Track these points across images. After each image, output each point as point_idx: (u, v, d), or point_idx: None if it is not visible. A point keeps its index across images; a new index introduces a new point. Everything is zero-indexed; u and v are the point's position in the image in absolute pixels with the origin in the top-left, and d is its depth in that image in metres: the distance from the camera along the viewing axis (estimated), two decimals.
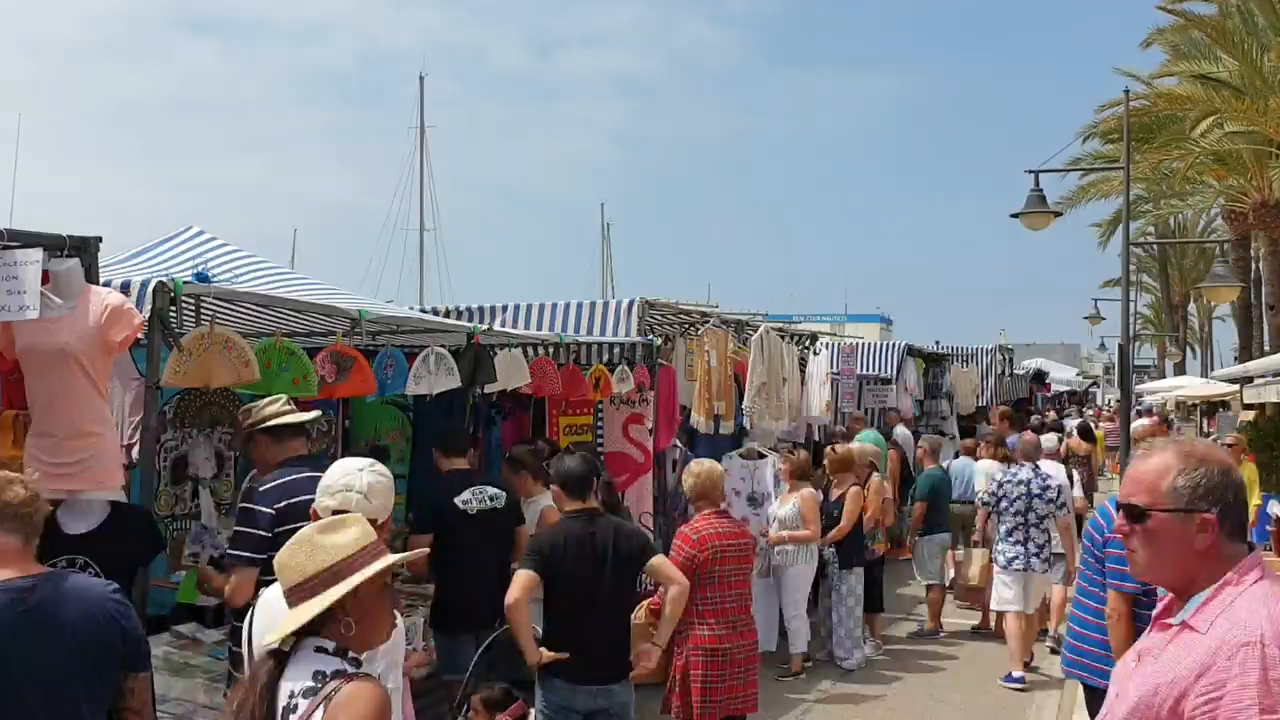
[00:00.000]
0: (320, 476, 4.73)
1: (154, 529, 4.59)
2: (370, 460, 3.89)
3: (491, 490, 6.30)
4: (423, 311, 7.91)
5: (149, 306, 4.55)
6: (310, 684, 2.64)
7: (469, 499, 6.32)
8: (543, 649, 4.96)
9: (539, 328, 8.96)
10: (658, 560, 5.29)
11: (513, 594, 5.01)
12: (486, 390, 7.12)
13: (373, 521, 3.22)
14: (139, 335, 4.35)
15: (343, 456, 9.41)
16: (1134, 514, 2.38)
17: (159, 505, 6.18)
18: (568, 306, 9.40)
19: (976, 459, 12.09)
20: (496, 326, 7.50)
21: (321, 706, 2.59)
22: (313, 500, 4.62)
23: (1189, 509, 2.31)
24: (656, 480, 8.76)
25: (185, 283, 4.67)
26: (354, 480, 3.76)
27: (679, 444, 8.86)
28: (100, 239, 4.37)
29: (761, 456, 9.71)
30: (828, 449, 10.07)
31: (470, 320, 8.54)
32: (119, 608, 3.36)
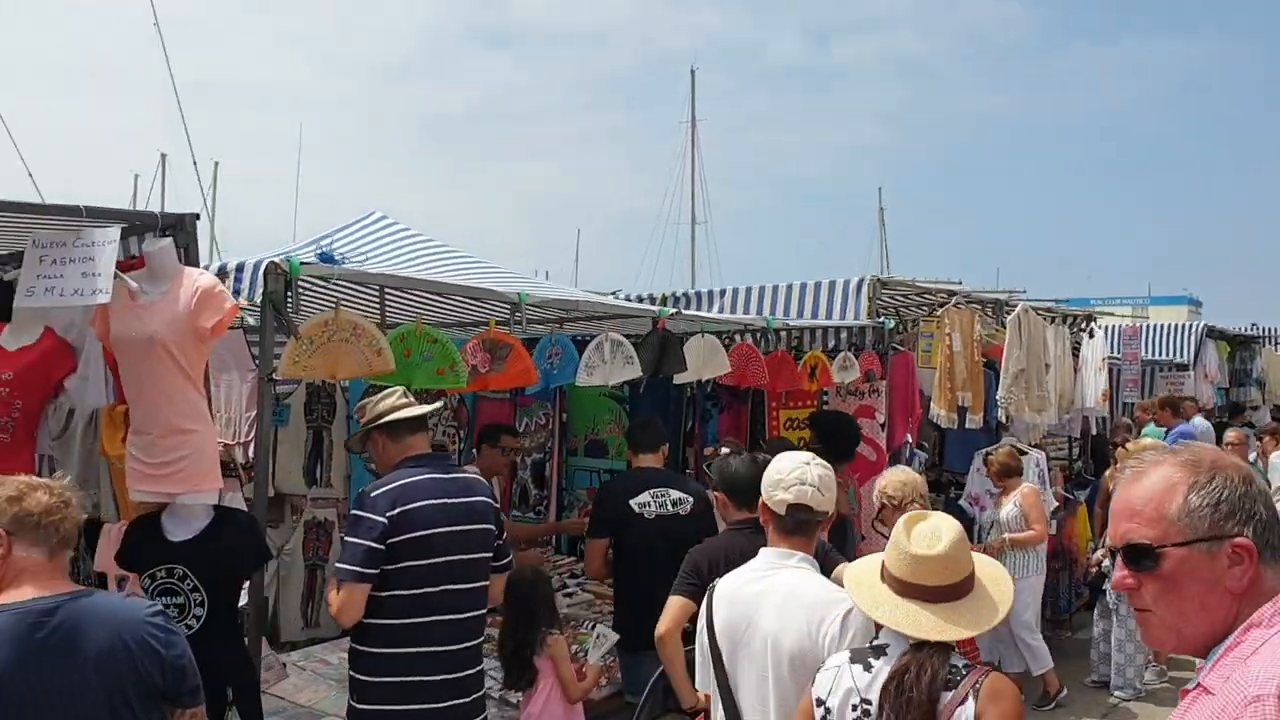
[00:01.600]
0: (444, 478, 4.21)
1: (256, 537, 4.17)
2: (810, 454, 3.76)
3: (677, 494, 5.57)
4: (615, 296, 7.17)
5: (260, 290, 4.14)
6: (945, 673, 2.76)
7: (647, 501, 5.64)
8: (701, 692, 4.22)
9: (755, 311, 8.18)
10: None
11: (663, 624, 4.24)
12: (679, 380, 6.41)
13: (824, 514, 3.59)
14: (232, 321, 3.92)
15: (560, 450, 9.24)
16: (1138, 557, 1.79)
17: None
18: (789, 289, 8.57)
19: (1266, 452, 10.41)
20: (696, 312, 6.74)
21: (971, 696, 2.72)
22: (433, 505, 4.10)
23: (1213, 536, 1.73)
24: None
25: (303, 264, 4.23)
26: (806, 474, 3.60)
27: (909, 440, 7.84)
28: (198, 216, 3.98)
29: (1023, 454, 8.52)
30: (1118, 446, 8.76)
31: (677, 306, 7.88)
32: (157, 633, 2.88)
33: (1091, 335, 10.52)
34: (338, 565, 4.02)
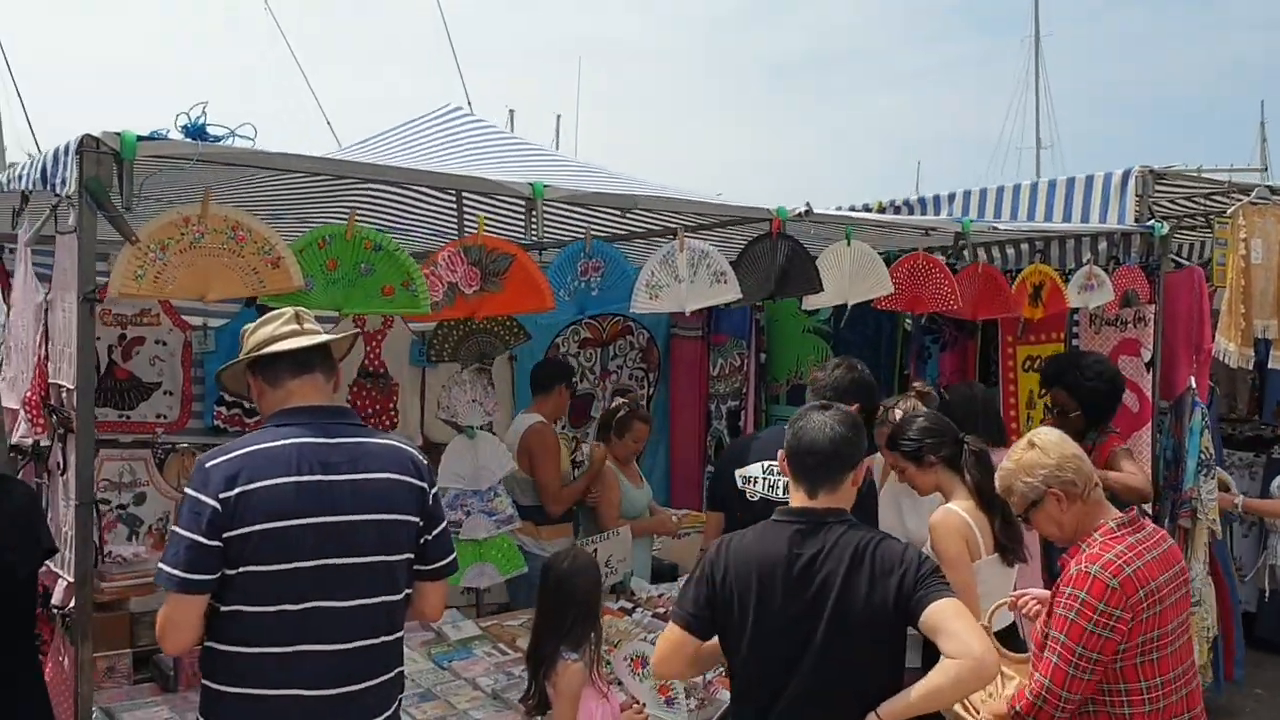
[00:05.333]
0: (320, 444, 2.85)
1: (28, 518, 3.01)
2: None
3: None
4: None
5: (73, 177, 2.94)
6: None
7: (755, 476, 4.10)
8: None
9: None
10: (940, 608, 2.73)
11: (659, 652, 2.99)
12: (813, 304, 4.69)
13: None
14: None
15: (758, 396, 7.66)
16: None
17: None
18: (1032, 189, 6.53)
19: None
20: (834, 211, 4.91)
21: None
22: (293, 485, 2.76)
23: None
24: (1155, 442, 5.68)
25: (142, 138, 2.97)
26: None
27: (1193, 385, 5.64)
28: None
29: None
30: None
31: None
32: None
33: None
34: (158, 565, 2.78)
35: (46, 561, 3.25)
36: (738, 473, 4.17)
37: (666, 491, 7.65)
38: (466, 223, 4.51)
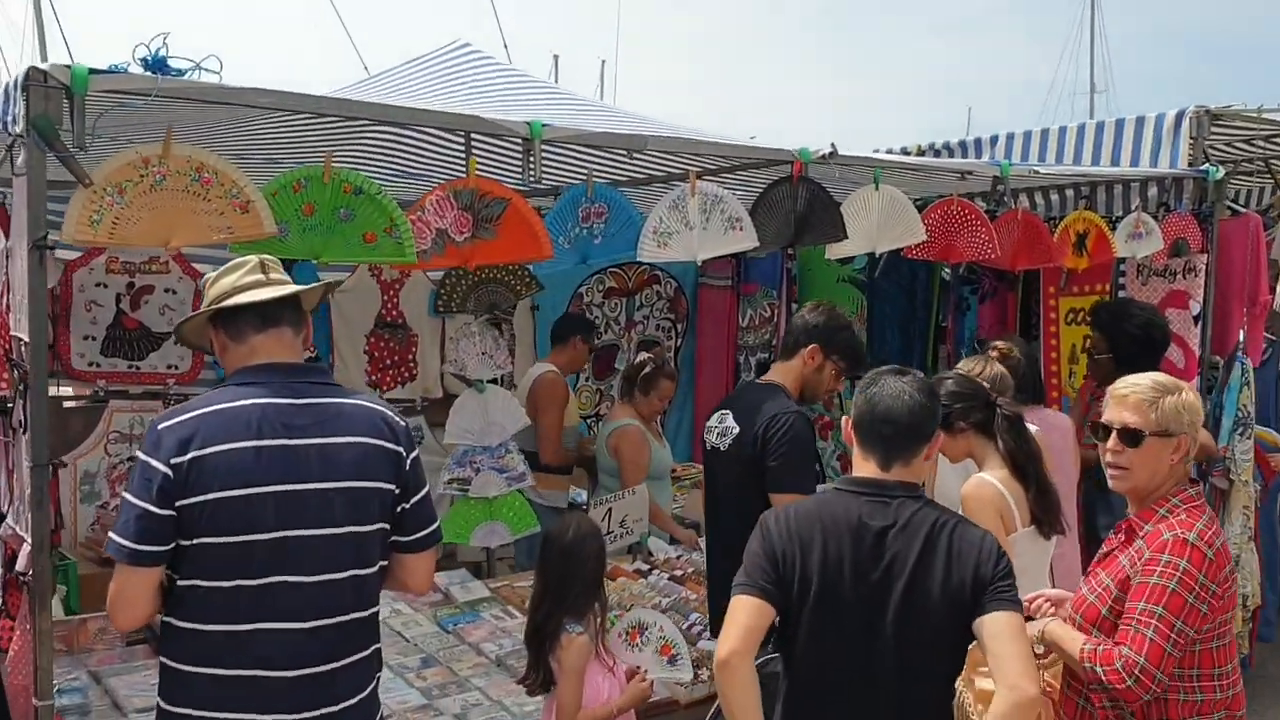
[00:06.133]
0: (284, 404, 2.64)
1: None
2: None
3: (731, 419, 3.87)
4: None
5: (20, 113, 2.72)
6: None
7: (713, 425, 3.92)
8: None
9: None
10: (1003, 623, 2.49)
11: (724, 646, 2.57)
12: (837, 253, 4.38)
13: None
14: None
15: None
16: None
17: None
18: (1062, 132, 6.17)
19: None
20: (864, 154, 4.57)
21: None
22: (251, 450, 2.54)
23: None
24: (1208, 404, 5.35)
25: (95, 71, 2.74)
26: None
27: (1241, 341, 5.29)
28: None
29: None
30: None
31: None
32: None
33: None
34: (109, 533, 2.59)
35: (13, 525, 3.07)
36: (708, 424, 3.97)
37: (690, 447, 7.41)
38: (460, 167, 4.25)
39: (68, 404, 5.77)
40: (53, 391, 6.69)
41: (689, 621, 4.46)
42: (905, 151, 7.09)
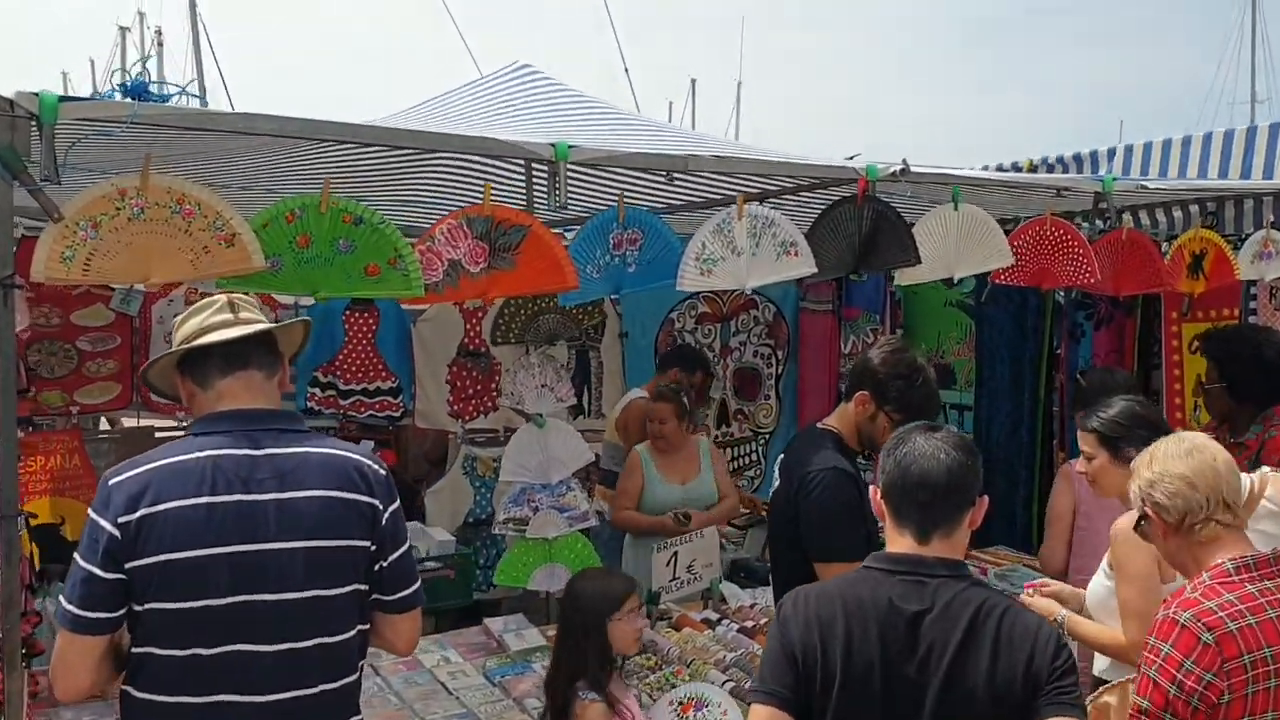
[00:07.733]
0: (243, 455, 2.40)
1: None
2: None
3: (779, 471, 3.60)
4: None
5: None
6: None
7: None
8: None
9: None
10: None
11: None
12: (910, 280, 3.97)
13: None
14: None
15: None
16: None
17: None
18: (1186, 142, 5.60)
19: None
20: (943, 168, 4.13)
21: None
22: (203, 507, 2.31)
23: None
24: None
25: (64, 99, 2.57)
26: None
27: None
28: None
29: None
30: None
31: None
32: None
33: None
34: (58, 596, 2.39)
35: None
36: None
37: None
38: (497, 193, 3.98)
39: (159, 434, 5.84)
40: (135, 423, 6.87)
41: (751, 683, 4.09)
42: (1016, 167, 6.60)
